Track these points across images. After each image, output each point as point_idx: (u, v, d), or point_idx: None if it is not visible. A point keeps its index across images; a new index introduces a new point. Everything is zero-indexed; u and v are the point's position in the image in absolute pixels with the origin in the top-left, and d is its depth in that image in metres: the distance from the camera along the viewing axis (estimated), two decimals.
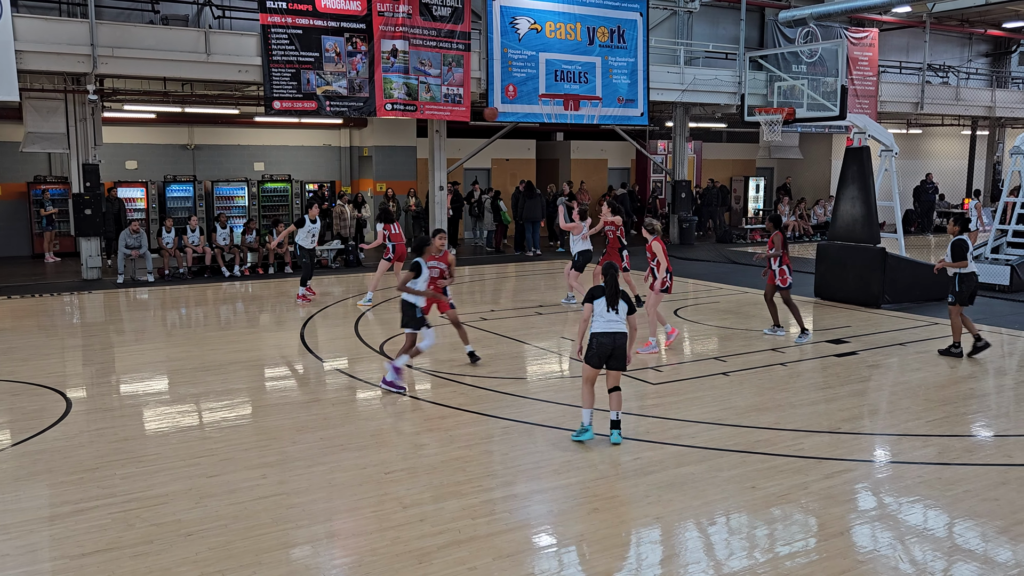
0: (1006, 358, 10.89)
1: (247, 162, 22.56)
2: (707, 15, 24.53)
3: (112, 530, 5.54)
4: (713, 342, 11.35)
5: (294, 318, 13.03)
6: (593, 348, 6.99)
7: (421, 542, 5.38)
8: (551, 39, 19.71)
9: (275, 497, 6.08)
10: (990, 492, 6.22)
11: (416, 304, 8.84)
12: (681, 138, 23.50)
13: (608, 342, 6.97)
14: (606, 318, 7.04)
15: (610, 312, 7.06)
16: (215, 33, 16.41)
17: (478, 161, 23.26)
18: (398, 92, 17.93)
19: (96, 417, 8.04)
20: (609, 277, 7.21)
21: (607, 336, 6.97)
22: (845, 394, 8.82)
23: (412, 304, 8.83)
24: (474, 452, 7.08)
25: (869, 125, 14.59)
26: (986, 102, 28.06)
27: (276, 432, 7.56)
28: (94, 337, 11.95)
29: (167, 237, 17.24)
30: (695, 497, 6.10)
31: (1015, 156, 16.16)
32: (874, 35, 25.29)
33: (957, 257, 10.22)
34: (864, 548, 5.38)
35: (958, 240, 10.32)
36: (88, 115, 16.44)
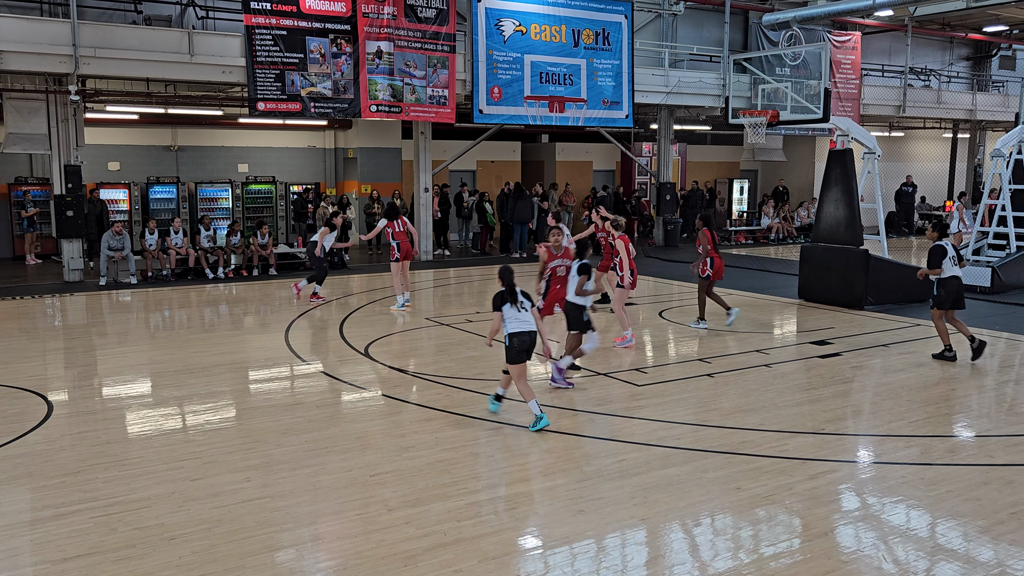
0: (987, 359, 10.97)
1: (231, 163, 22.45)
2: (691, 18, 24.63)
3: (94, 534, 5.49)
4: (698, 344, 11.38)
5: (278, 320, 12.96)
6: (515, 346, 7.61)
7: (406, 545, 5.36)
8: (536, 41, 19.74)
9: (259, 500, 6.04)
10: (972, 492, 6.27)
11: (584, 306, 8.92)
12: (666, 140, 23.59)
13: (527, 339, 7.64)
14: (519, 319, 7.65)
15: (520, 312, 7.66)
16: (199, 34, 16.32)
17: (463, 163, 23.25)
18: (383, 94, 17.90)
19: (78, 420, 7.97)
20: (505, 280, 7.75)
21: (525, 334, 7.64)
22: (829, 395, 8.87)
23: (579, 307, 8.91)
24: (460, 454, 7.07)
25: (852, 128, 14.68)
26: (967, 105, 28.33)
27: (260, 435, 7.52)
28: (76, 340, 11.85)
29: (150, 239, 17.12)
30: (680, 498, 6.12)
31: (995, 159, 16.31)
32: (857, 38, 25.48)
33: (932, 264, 10.26)
34: (848, 548, 5.41)
35: (935, 247, 10.34)
36: (70, 116, 16.31)
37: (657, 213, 23.93)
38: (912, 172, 30.56)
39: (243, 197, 20.88)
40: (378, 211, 21.02)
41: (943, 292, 10.29)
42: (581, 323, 8.95)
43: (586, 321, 8.95)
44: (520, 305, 7.65)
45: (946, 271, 10.23)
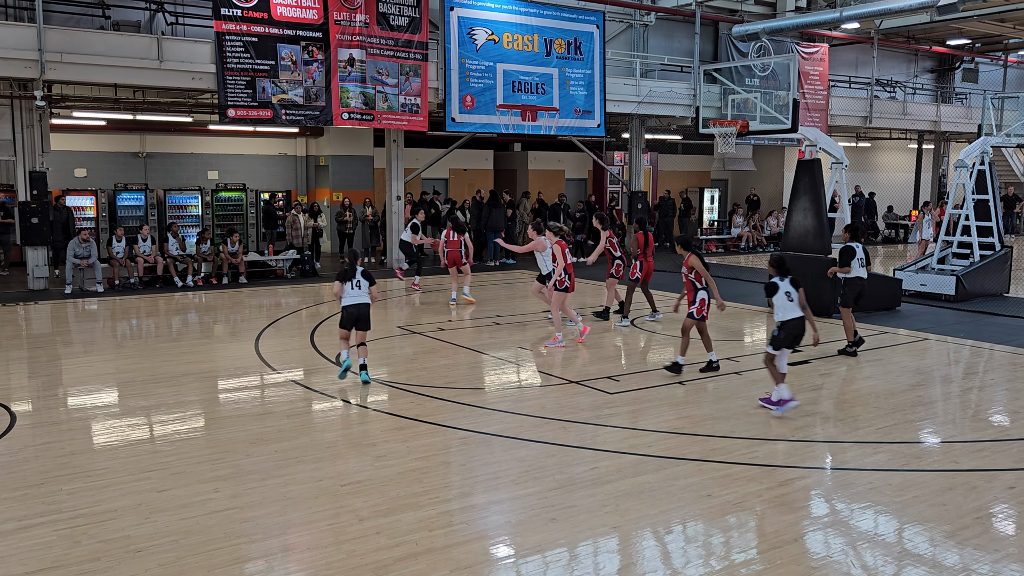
0: (952, 366, 11.16)
1: (201, 171, 22.23)
2: (662, 29, 24.87)
3: (58, 547, 5.39)
4: (670, 351, 11.44)
5: (249, 329, 12.84)
6: (343, 316, 9.36)
7: (377, 555, 5.32)
8: (509, 50, 19.80)
9: (228, 511, 5.97)
10: (938, 497, 6.35)
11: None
12: (637, 150, 23.74)
13: (354, 311, 9.34)
14: (351, 294, 9.34)
15: (354, 289, 9.34)
16: (168, 40, 16.17)
17: (436, 171, 23.23)
18: (355, 101, 17.84)
19: (42, 431, 7.83)
20: (349, 261, 9.47)
21: (353, 307, 9.36)
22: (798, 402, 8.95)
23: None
24: (431, 463, 7.04)
25: (820, 138, 14.88)
26: (931, 117, 28.85)
27: (229, 445, 7.44)
28: (40, 349, 11.65)
29: (117, 246, 16.90)
30: (652, 506, 6.14)
31: (959, 169, 16.61)
32: (824, 50, 25.86)
33: (843, 263, 11.26)
34: (817, 554, 5.46)
35: (845, 247, 11.32)
36: (35, 121, 16.07)
37: (629, 222, 24.05)
38: (878, 182, 31.05)
39: (213, 204, 20.68)
40: (350, 219, 20.95)
41: (847, 290, 11.29)
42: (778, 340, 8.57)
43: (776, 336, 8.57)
44: (356, 283, 9.35)
45: (854, 271, 11.24)
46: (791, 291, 8.52)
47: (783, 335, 8.48)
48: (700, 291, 9.87)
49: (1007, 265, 16.43)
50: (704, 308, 9.88)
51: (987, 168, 16.81)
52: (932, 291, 15.66)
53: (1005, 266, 16.37)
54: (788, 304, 8.48)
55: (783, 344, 8.49)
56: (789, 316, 8.47)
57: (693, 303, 9.92)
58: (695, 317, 9.88)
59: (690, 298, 10.01)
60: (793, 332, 8.48)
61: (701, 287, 9.88)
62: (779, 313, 8.52)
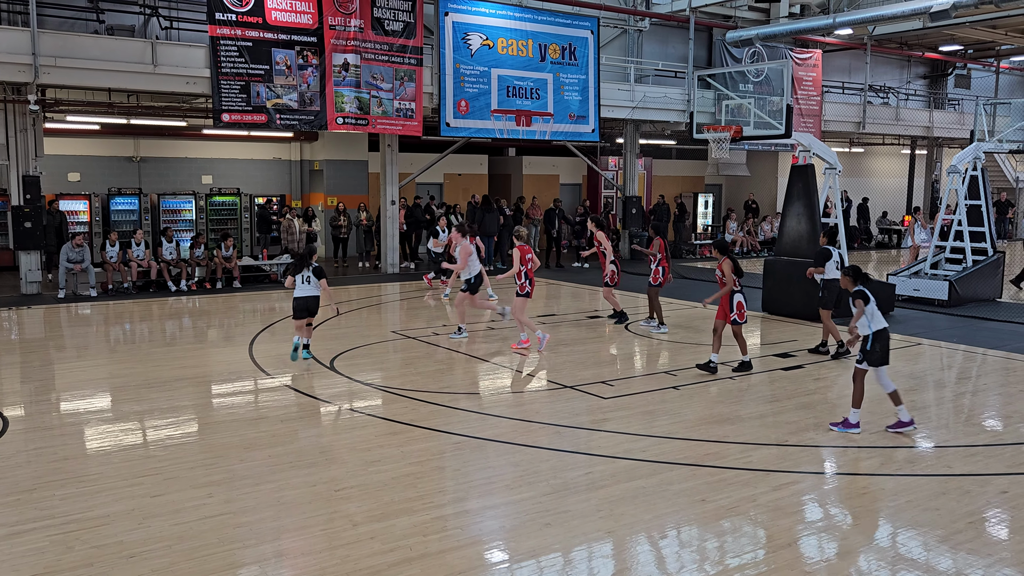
0: (945, 371, 11.20)
1: (195, 175, 22.20)
2: (656, 34, 24.93)
3: (50, 553, 5.36)
4: (664, 356, 11.46)
5: (242, 333, 12.82)
6: (294, 306, 10.43)
7: (372, 560, 5.31)
8: (503, 55, 19.84)
9: (221, 516, 5.95)
10: (931, 502, 6.37)
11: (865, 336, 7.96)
12: (632, 154, 23.79)
13: (303, 303, 10.40)
14: (302, 287, 10.37)
15: (303, 283, 10.35)
16: (162, 44, 16.16)
17: (430, 176, 23.23)
18: (349, 106, 17.85)
19: (34, 436, 7.80)
20: (302, 255, 10.47)
21: (302, 299, 10.40)
22: (792, 407, 8.97)
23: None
24: (425, 468, 7.03)
25: (813, 143, 14.93)
26: (924, 122, 28.98)
27: (223, 450, 7.42)
28: (33, 354, 11.61)
29: (111, 251, 16.85)
30: (646, 511, 6.14)
31: (952, 175, 16.68)
32: (818, 56, 25.96)
33: (817, 264, 11.47)
34: (811, 559, 5.47)
35: (822, 249, 11.56)
36: (29, 126, 16.04)
37: (623, 227, 24.09)
38: (872, 187, 31.17)
39: (207, 209, 20.65)
40: (344, 223, 20.94)
41: (827, 293, 11.36)
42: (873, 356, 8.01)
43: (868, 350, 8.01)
44: (306, 278, 10.34)
45: (828, 273, 11.34)
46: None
47: (879, 348, 7.85)
48: (736, 294, 10.16)
49: (999, 270, 16.49)
50: (744, 311, 10.21)
51: (980, 174, 16.88)
52: (925, 296, 15.72)
53: (998, 271, 16.44)
54: (878, 313, 7.91)
55: (881, 359, 7.87)
56: (881, 326, 7.88)
57: (731, 308, 10.17)
58: (738, 322, 10.21)
59: (726, 301, 10.25)
60: (887, 343, 7.94)
61: (737, 291, 10.17)
62: (871, 324, 7.85)
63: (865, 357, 7.90)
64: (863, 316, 7.82)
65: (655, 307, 13.08)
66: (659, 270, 12.88)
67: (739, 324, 10.21)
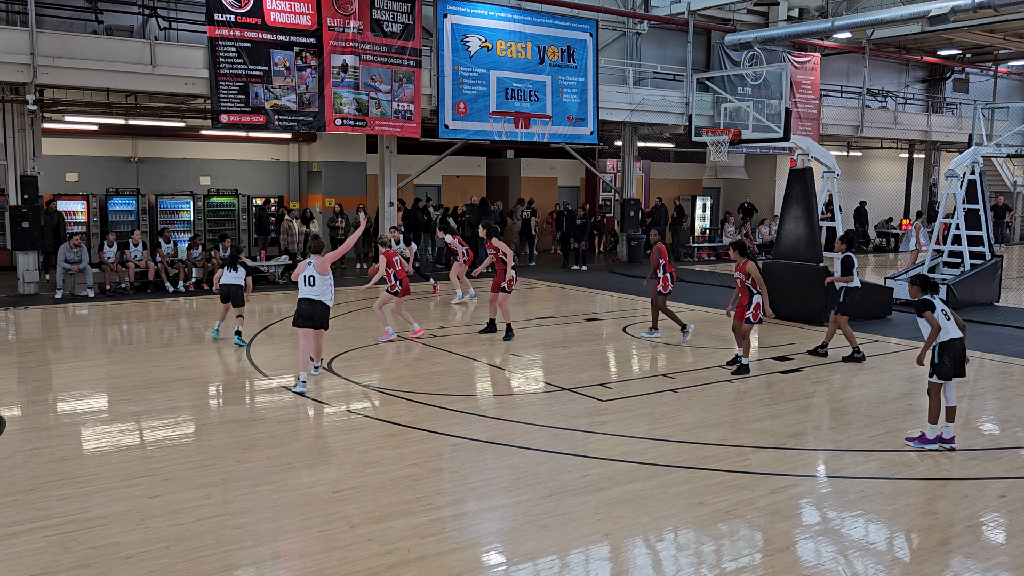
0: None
1: (193, 176, 22.19)
2: (655, 37, 24.96)
3: (47, 554, 5.35)
4: (662, 359, 11.46)
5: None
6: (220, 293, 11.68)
7: (369, 562, 5.30)
8: (502, 57, 19.84)
9: (219, 518, 5.94)
10: (929, 506, 6.37)
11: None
12: (630, 157, 23.80)
13: (226, 290, 11.64)
14: (228, 276, 11.61)
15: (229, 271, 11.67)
16: (161, 45, 16.16)
17: (428, 177, 23.24)
18: (348, 107, 17.85)
19: (31, 437, 7.78)
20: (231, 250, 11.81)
21: (225, 287, 11.63)
22: (790, 410, 8.98)
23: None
24: (423, 470, 7.03)
25: (812, 147, 14.95)
26: (922, 126, 29.03)
27: (220, 451, 7.41)
28: (30, 354, 11.59)
29: (109, 251, 16.83)
30: (644, 513, 6.14)
31: (950, 179, 16.71)
32: (816, 60, 26.00)
33: (846, 272, 11.26)
34: (809, 562, 5.46)
35: (846, 256, 11.39)
36: (27, 126, 16.03)
37: (621, 229, 24.11)
38: (869, 191, 31.22)
39: (205, 210, 20.63)
40: (342, 225, 20.93)
41: (848, 300, 11.24)
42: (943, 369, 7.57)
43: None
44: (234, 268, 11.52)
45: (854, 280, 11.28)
46: (947, 308, 7.57)
47: (948, 360, 7.44)
48: (755, 295, 10.24)
49: (997, 274, 16.51)
50: (760, 312, 10.25)
51: (977, 178, 16.91)
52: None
53: (995, 275, 16.46)
54: (947, 323, 7.46)
55: (951, 372, 7.45)
56: (950, 336, 7.46)
57: (748, 307, 10.26)
58: (752, 322, 10.25)
59: (744, 302, 10.34)
60: (956, 355, 7.48)
61: (756, 292, 10.24)
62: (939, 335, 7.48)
63: (936, 371, 7.48)
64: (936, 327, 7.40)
65: (660, 315, 12.62)
66: (667, 277, 12.36)
67: (751, 324, 10.29)
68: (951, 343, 7.46)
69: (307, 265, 9.29)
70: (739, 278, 10.39)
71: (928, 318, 7.45)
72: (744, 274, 10.28)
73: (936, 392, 7.55)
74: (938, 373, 7.48)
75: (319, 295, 9.23)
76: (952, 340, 7.46)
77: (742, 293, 10.45)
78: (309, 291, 9.24)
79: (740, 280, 10.37)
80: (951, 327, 7.48)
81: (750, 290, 10.30)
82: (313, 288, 9.22)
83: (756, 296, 10.27)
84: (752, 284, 10.27)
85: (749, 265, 10.25)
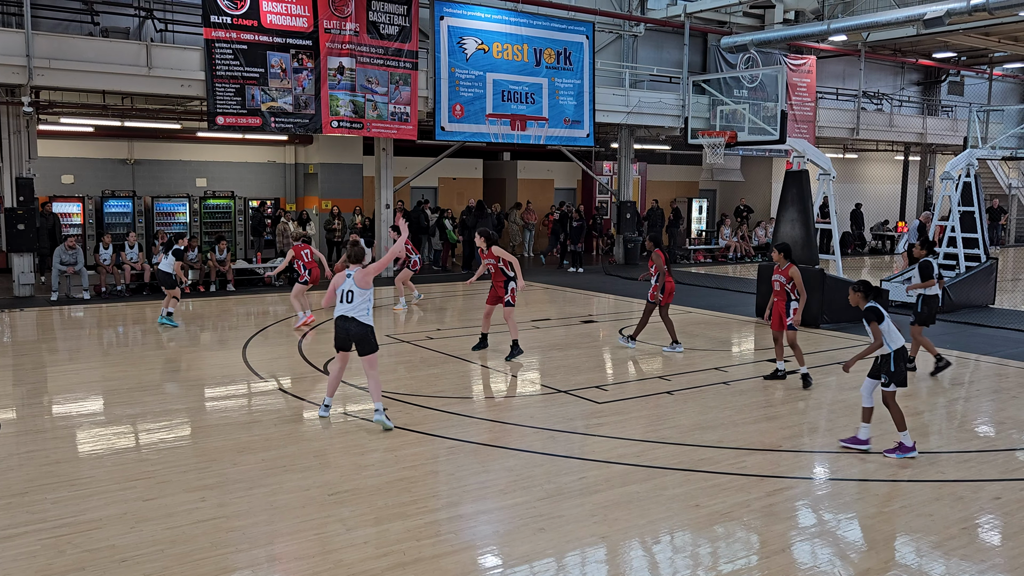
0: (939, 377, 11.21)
1: (189, 178, 22.16)
2: (652, 39, 24.99)
3: (42, 557, 5.34)
4: (657, 361, 11.46)
5: (236, 337, 12.79)
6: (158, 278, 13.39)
7: (365, 565, 5.30)
8: (498, 59, 19.85)
9: (214, 520, 5.93)
10: (924, 508, 6.38)
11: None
12: (626, 159, 23.83)
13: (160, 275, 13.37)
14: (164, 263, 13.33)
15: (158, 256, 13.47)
16: (157, 46, 16.14)
17: (425, 180, 23.24)
18: (344, 109, 17.84)
19: (26, 439, 7.76)
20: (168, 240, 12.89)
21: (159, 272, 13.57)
22: (786, 412, 8.98)
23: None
24: (419, 472, 7.02)
25: (808, 149, 14.98)
26: (918, 129, 29.10)
27: (216, 453, 7.39)
28: (25, 356, 11.55)
29: (104, 253, 16.80)
30: (640, 516, 6.14)
31: (945, 181, 16.75)
32: (812, 62, 26.05)
33: (925, 278, 10.48)
34: (805, 564, 5.47)
35: (925, 262, 10.55)
36: (23, 127, 16.00)
37: (618, 231, 24.12)
38: (865, 193, 31.28)
39: (201, 212, 20.61)
40: (338, 227, 20.92)
41: (927, 309, 10.50)
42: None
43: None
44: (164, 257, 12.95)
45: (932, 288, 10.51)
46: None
47: (903, 366, 7.44)
48: (793, 301, 9.90)
49: (992, 276, 16.55)
50: (799, 317, 9.92)
51: (973, 180, 16.95)
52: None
53: (990, 277, 16.49)
54: (894, 331, 7.47)
55: (903, 379, 7.50)
56: (900, 343, 7.45)
57: (788, 314, 9.88)
58: (795, 328, 9.87)
59: (781, 308, 9.95)
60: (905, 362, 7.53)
61: (795, 298, 9.90)
62: (891, 342, 7.42)
63: (892, 379, 7.42)
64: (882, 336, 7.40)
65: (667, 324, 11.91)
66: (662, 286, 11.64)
67: (795, 330, 9.90)
68: (903, 350, 7.44)
69: (346, 278, 7.98)
70: (779, 282, 9.93)
71: (874, 330, 7.40)
72: (786, 278, 9.83)
73: (893, 399, 7.48)
74: (896, 381, 7.44)
75: (355, 312, 7.90)
76: (903, 347, 7.46)
77: (778, 298, 9.99)
78: (345, 308, 7.91)
79: (780, 284, 9.93)
80: (898, 334, 7.46)
81: (788, 295, 9.90)
82: (350, 305, 7.90)
83: (794, 302, 9.87)
84: (792, 289, 9.89)
85: (792, 270, 9.81)
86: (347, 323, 7.89)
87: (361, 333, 7.87)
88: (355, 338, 7.90)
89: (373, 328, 7.97)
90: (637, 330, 12.08)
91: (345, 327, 7.91)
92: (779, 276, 9.96)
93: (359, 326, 7.88)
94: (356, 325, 7.87)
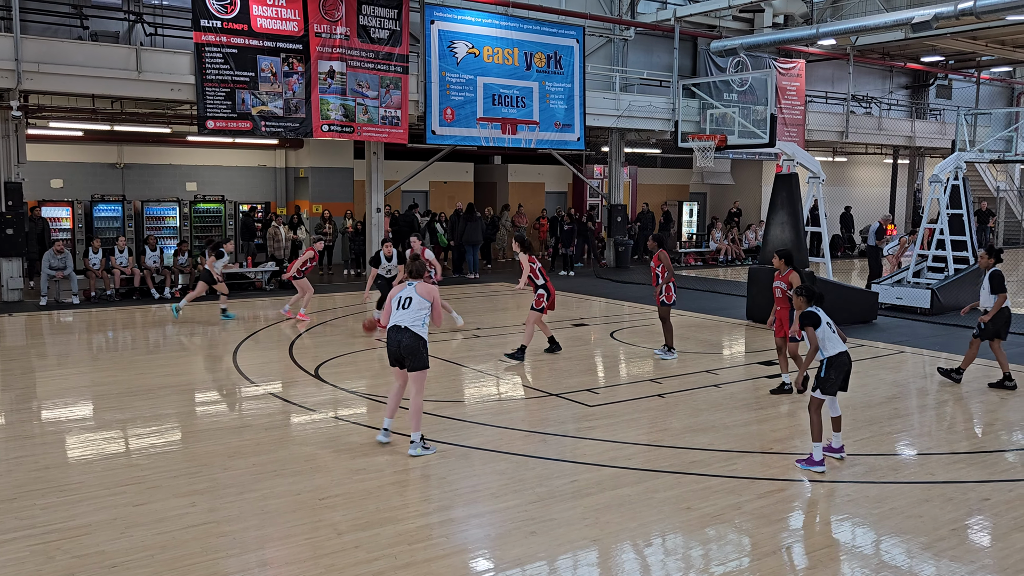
0: (928, 379, 11.27)
1: (179, 182, 22.09)
2: (642, 43, 25.07)
3: (31, 563, 5.31)
4: (649, 364, 11.48)
5: (226, 341, 12.75)
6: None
7: (356, 569, 5.29)
8: (489, 63, 19.87)
9: (205, 526, 5.91)
10: (914, 509, 6.41)
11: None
12: (617, 163, 23.89)
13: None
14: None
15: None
16: (146, 50, 16.09)
17: (416, 183, 23.24)
18: (335, 113, 17.83)
19: (15, 445, 7.72)
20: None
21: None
22: (776, 415, 9.01)
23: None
24: (410, 477, 7.01)
25: (797, 153, 15.03)
26: (906, 132, 29.26)
27: (206, 458, 7.37)
28: (14, 361, 11.49)
29: (94, 258, 16.73)
30: (632, 518, 6.14)
31: (934, 184, 16.84)
32: (801, 66, 26.17)
33: (998, 289, 9.93)
34: (796, 566, 5.48)
35: (996, 271, 10.04)
36: (11, 132, 15.93)
37: (609, 235, 24.16)
38: (855, 196, 31.42)
39: (191, 216, 20.54)
40: (329, 231, 20.88)
41: (991, 322, 10.00)
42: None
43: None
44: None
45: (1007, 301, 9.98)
46: (831, 321, 7.34)
47: (834, 375, 7.22)
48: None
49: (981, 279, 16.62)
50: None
51: (961, 183, 17.05)
52: (908, 304, 15.84)
53: (979, 280, 16.56)
54: (832, 336, 7.29)
55: (836, 387, 7.27)
56: (837, 350, 7.27)
57: (791, 322, 9.28)
58: (797, 340, 9.39)
59: (784, 316, 9.53)
60: (843, 369, 7.27)
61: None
62: (825, 348, 7.26)
63: (820, 385, 7.21)
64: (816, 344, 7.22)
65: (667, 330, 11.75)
66: (669, 287, 11.43)
67: (797, 342, 9.44)
68: (838, 357, 7.23)
69: (407, 286, 7.53)
70: (780, 288, 9.58)
71: (809, 335, 7.26)
72: (787, 284, 9.43)
73: (817, 408, 7.21)
74: (823, 388, 7.20)
75: (409, 322, 7.34)
76: (839, 354, 7.24)
77: (780, 306, 9.62)
78: (400, 315, 7.38)
79: (781, 291, 9.56)
80: (836, 340, 7.28)
81: (791, 302, 9.28)
82: (405, 312, 7.37)
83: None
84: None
85: (793, 275, 9.36)
86: (400, 334, 7.32)
87: (412, 345, 7.30)
88: (406, 351, 7.31)
89: (426, 341, 7.40)
90: (668, 339, 11.70)
91: (397, 339, 7.33)
92: (780, 283, 9.65)
93: (412, 337, 7.30)
94: (408, 336, 7.29)
